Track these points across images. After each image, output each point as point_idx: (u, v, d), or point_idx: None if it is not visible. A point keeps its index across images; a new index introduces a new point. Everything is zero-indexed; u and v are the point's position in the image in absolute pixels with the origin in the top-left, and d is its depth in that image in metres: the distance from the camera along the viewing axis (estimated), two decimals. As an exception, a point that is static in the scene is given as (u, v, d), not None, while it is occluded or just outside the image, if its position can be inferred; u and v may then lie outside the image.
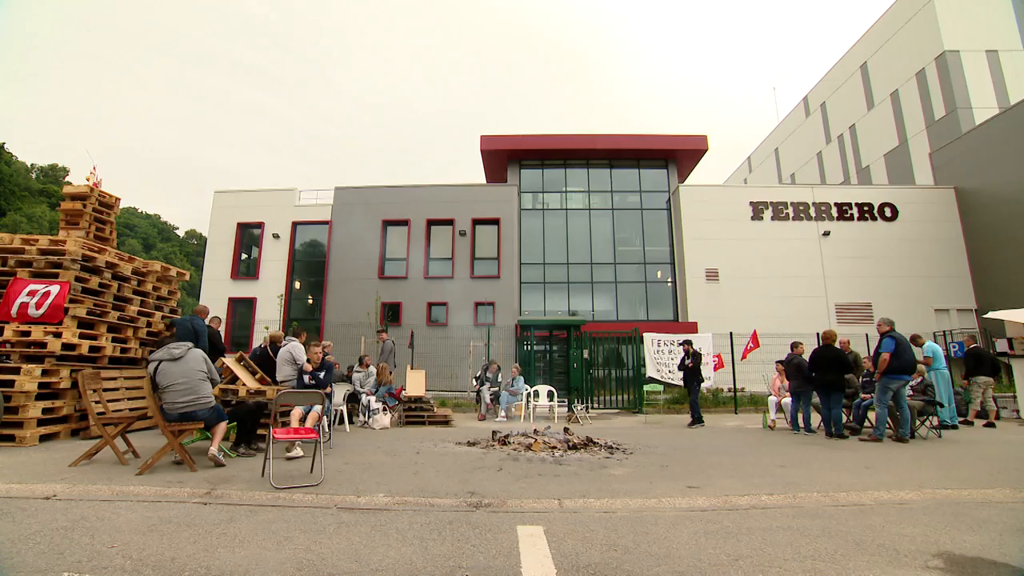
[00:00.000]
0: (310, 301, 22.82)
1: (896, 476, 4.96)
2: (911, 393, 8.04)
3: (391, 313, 20.20)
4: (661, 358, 11.64)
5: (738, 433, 8.92)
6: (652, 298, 22.38)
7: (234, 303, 21.84)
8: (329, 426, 7.46)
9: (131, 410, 6.43)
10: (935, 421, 8.30)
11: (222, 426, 5.21)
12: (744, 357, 12.47)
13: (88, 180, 8.14)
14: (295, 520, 3.34)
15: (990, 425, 9.77)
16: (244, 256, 23.11)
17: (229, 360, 7.32)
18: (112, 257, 7.75)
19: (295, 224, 22.64)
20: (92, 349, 7.06)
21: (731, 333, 12.76)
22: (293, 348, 7.68)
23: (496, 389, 11.64)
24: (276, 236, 22.41)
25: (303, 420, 6.25)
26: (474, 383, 12.40)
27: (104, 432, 5.05)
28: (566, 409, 11.51)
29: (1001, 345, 11.67)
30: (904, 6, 26.81)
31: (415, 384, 10.11)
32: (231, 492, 4.02)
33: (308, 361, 7.23)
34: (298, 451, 5.74)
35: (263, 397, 6.48)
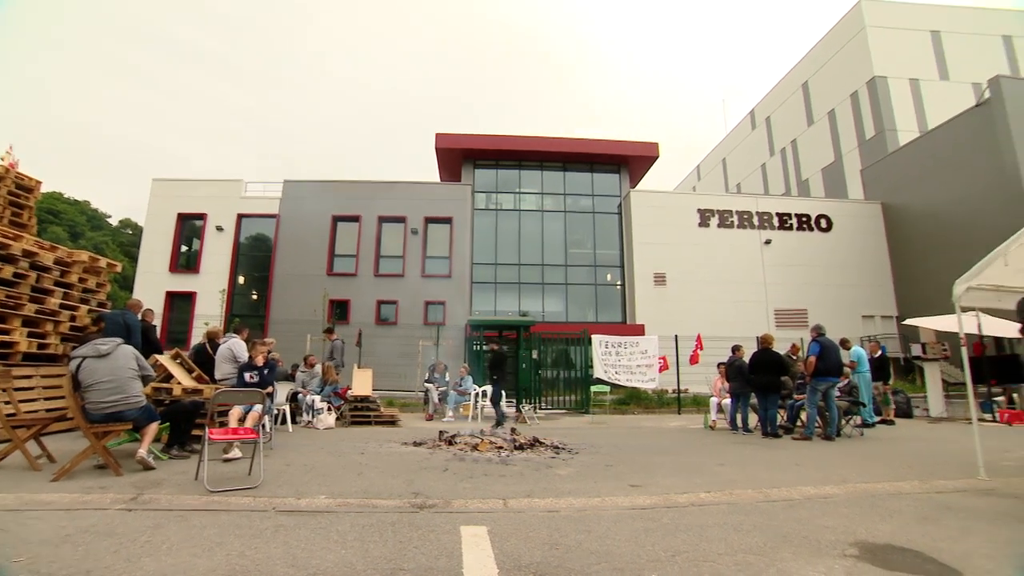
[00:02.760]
0: (254, 297, 21.94)
1: (823, 472, 5.27)
2: (839, 394, 8.57)
3: (339, 311, 19.71)
4: (608, 359, 11.86)
5: (681, 433, 9.23)
6: (601, 300, 22.84)
7: (172, 297, 20.73)
8: (271, 426, 7.20)
9: (48, 411, 5.97)
10: (858, 420, 8.90)
11: (153, 427, 4.92)
12: (695, 362, 12.86)
13: (3, 160, 7.51)
14: (229, 524, 3.21)
15: (889, 422, 10.68)
16: (184, 248, 21.96)
17: (163, 358, 6.93)
18: (30, 245, 7.17)
19: (240, 217, 21.72)
20: (4, 344, 6.51)
21: (676, 336, 13.15)
22: (234, 345, 7.34)
23: (444, 389, 11.56)
24: (220, 228, 21.42)
25: (243, 420, 6.00)
26: (423, 383, 12.28)
27: (14, 435, 4.65)
28: (514, 409, 11.56)
29: (916, 349, 12.63)
30: (841, 32, 28.61)
31: (362, 383, 9.90)
32: (160, 497, 3.81)
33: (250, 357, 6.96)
34: (236, 452, 5.51)
35: (200, 396, 6.17)
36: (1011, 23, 27.55)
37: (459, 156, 23.60)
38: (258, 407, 5.80)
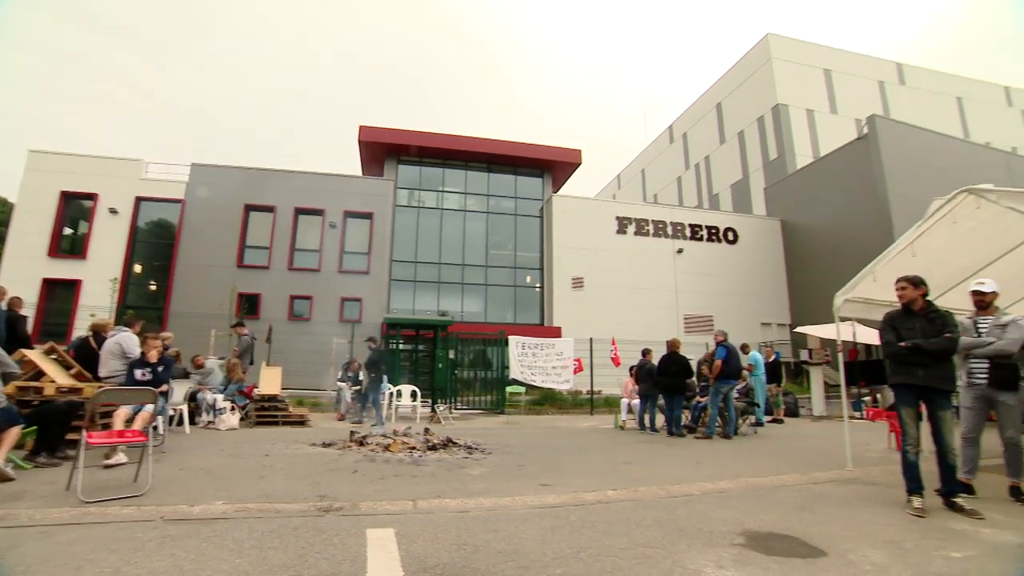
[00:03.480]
0: (153, 287, 20.10)
1: (719, 468, 5.68)
2: (737, 396, 9.27)
3: (248, 305, 18.52)
4: (525, 360, 12.05)
5: (593, 433, 9.57)
6: (520, 302, 23.18)
7: (51, 285, 18.52)
8: (164, 428, 6.63)
9: None
10: (753, 419, 9.69)
11: (14, 431, 4.34)
12: (619, 363, 13.25)
13: None
14: (105, 538, 2.90)
15: (779, 421, 11.68)
16: (69, 231, 19.68)
17: (33, 353, 6.18)
18: None
19: (139, 200, 19.80)
20: None
21: (591, 339, 13.59)
22: (123, 339, 6.68)
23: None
24: (113, 211, 19.40)
25: (131, 422, 5.47)
26: (336, 382, 11.85)
27: None
28: (429, 409, 11.45)
29: (804, 354, 13.96)
30: (751, 60, 31.18)
31: (269, 382, 9.39)
32: (18, 512, 3.36)
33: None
34: (121, 457, 5.01)
35: (78, 396, 5.55)
36: (885, 71, 31.62)
37: (383, 150, 23.03)
38: (149, 407, 5.30)
